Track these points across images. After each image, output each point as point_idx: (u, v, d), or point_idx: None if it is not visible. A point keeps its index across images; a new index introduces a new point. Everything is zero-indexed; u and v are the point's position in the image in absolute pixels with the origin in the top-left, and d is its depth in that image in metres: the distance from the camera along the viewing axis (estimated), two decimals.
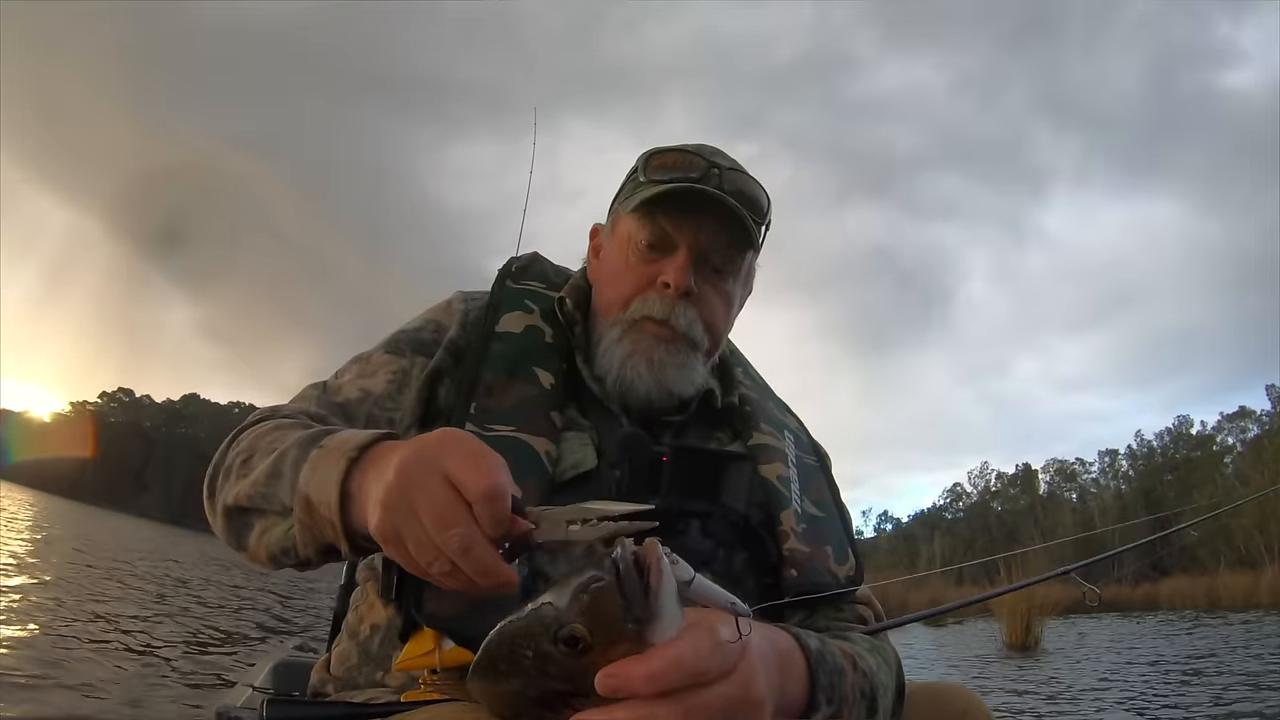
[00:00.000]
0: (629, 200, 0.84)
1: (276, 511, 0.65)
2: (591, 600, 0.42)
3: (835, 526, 0.87)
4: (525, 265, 0.95)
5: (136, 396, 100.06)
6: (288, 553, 0.64)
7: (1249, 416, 42.54)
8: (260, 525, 0.67)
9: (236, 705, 1.24)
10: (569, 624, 0.42)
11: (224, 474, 0.71)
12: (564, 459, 0.76)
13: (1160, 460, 47.57)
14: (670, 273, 0.80)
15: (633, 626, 0.42)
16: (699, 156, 0.82)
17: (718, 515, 0.78)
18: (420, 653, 0.67)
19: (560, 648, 0.42)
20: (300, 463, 0.62)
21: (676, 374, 0.82)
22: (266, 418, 0.76)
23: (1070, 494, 52.68)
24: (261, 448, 0.69)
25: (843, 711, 0.61)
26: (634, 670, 0.41)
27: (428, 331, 0.87)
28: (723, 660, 0.44)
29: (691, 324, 0.81)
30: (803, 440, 0.95)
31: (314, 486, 0.59)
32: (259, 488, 0.66)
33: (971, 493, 60.96)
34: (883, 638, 0.79)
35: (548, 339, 0.85)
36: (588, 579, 0.43)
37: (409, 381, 0.82)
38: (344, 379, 0.84)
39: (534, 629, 0.43)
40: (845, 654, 0.65)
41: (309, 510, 0.60)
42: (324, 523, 0.59)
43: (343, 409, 0.80)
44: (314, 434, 0.66)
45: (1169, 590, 18.29)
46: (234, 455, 0.71)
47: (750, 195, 0.82)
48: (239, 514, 0.68)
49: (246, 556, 0.69)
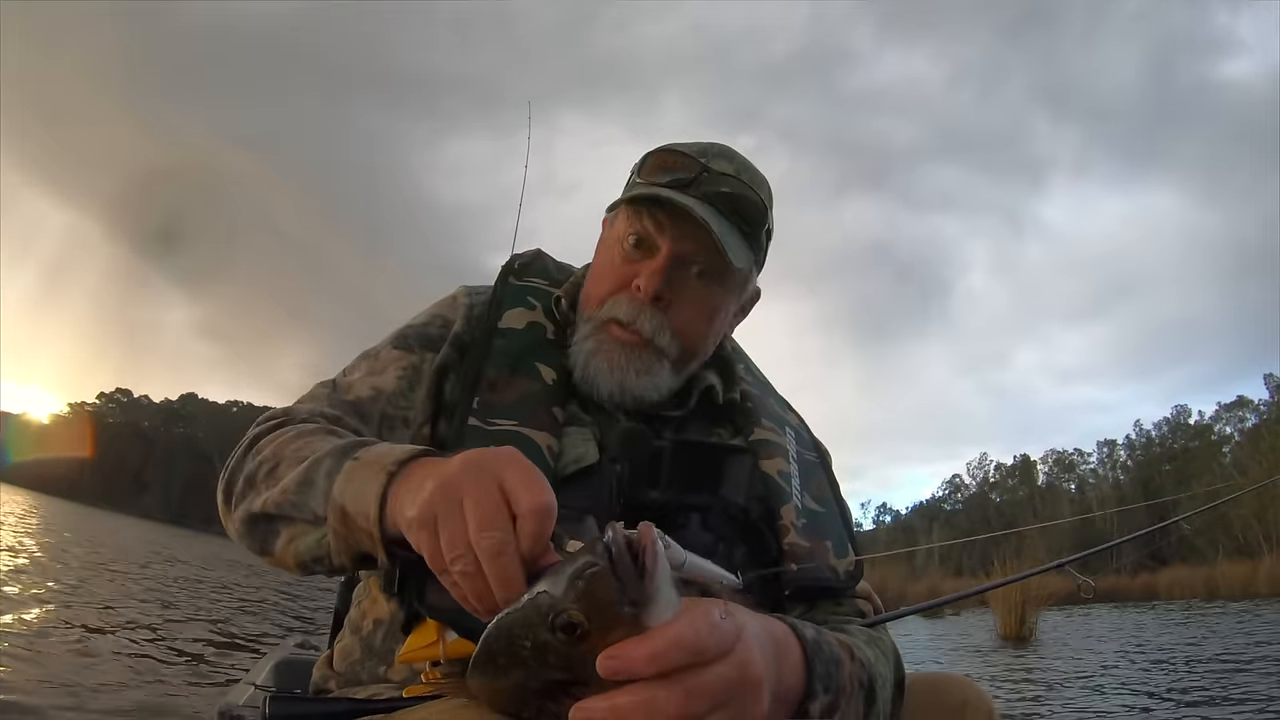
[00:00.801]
0: (622, 198, 0.84)
1: (307, 520, 0.65)
2: (586, 586, 0.42)
3: (835, 522, 0.87)
4: (528, 262, 0.95)
5: (135, 397, 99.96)
6: (320, 560, 0.65)
7: (1247, 406, 42.67)
8: (288, 533, 0.67)
9: (239, 703, 1.24)
10: (565, 611, 0.42)
11: (246, 481, 0.71)
12: (566, 453, 0.76)
13: (1158, 450, 47.69)
14: (643, 277, 0.80)
15: (629, 609, 0.42)
16: (696, 159, 0.81)
17: (718, 509, 0.78)
18: (423, 644, 0.68)
19: (558, 635, 0.42)
20: (334, 473, 0.63)
21: (637, 379, 0.81)
22: (284, 423, 0.76)
23: (1069, 485, 52.85)
24: (288, 456, 0.69)
25: (840, 701, 0.61)
26: (635, 651, 0.41)
27: (435, 327, 0.87)
28: (721, 640, 0.44)
29: (658, 330, 0.81)
30: (804, 437, 0.95)
31: (350, 497, 0.60)
32: (290, 495, 0.66)
33: (970, 484, 61.17)
34: (881, 630, 0.79)
35: (549, 335, 0.85)
36: (582, 565, 0.43)
37: (420, 378, 0.82)
38: (354, 376, 0.84)
39: (531, 619, 0.43)
40: (842, 644, 0.65)
41: (344, 520, 0.61)
42: (361, 533, 0.60)
43: (355, 408, 0.80)
44: (348, 445, 0.66)
45: (1167, 580, 18.36)
46: (256, 463, 0.71)
47: (745, 202, 0.81)
48: (265, 521, 0.68)
49: (271, 562, 0.70)
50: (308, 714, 0.70)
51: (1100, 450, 52.48)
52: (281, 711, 0.65)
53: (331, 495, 0.62)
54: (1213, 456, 39.81)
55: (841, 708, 0.61)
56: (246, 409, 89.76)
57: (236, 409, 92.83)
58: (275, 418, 0.78)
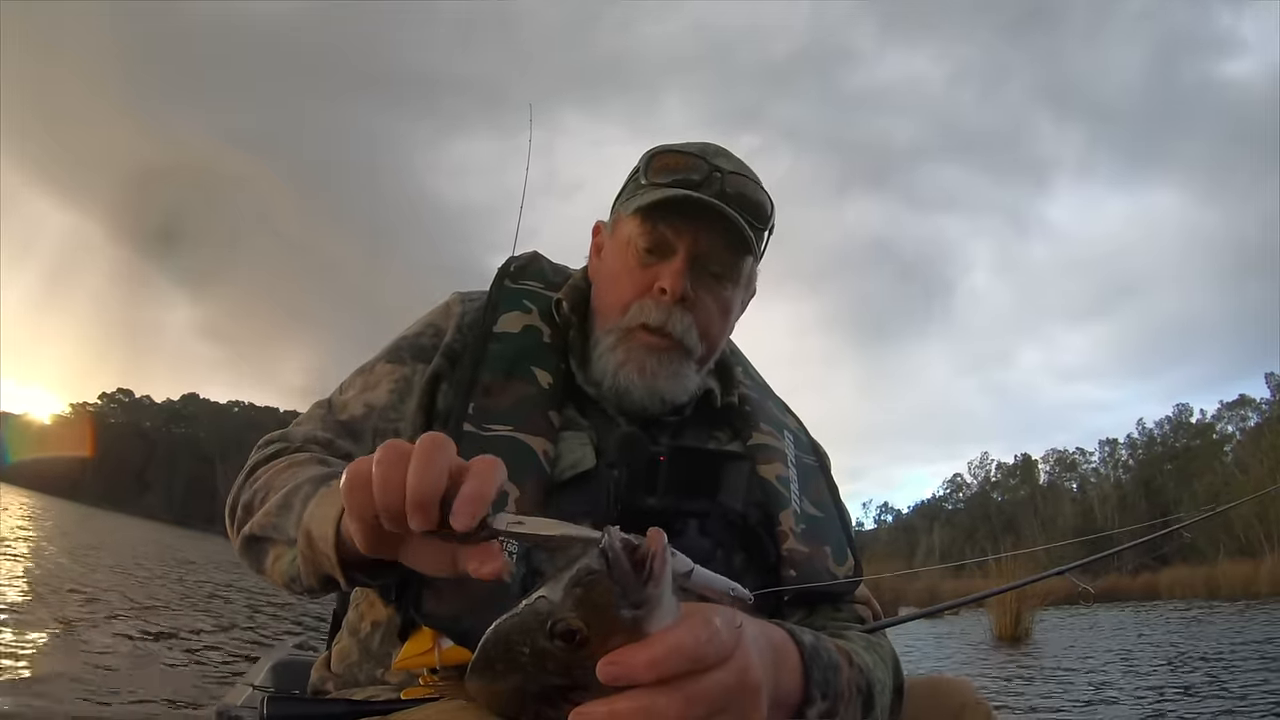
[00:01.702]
0: (629, 202, 0.84)
1: (286, 542, 0.68)
2: (584, 593, 0.42)
3: (834, 526, 0.87)
4: (524, 265, 0.95)
5: (136, 397, 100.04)
6: (295, 580, 0.68)
7: (1249, 405, 42.61)
8: (274, 552, 0.70)
9: (237, 704, 1.24)
10: (564, 618, 0.42)
11: (244, 508, 0.75)
12: (562, 458, 0.76)
13: (1160, 449, 47.64)
14: (667, 278, 0.80)
15: (628, 614, 0.42)
16: (702, 159, 0.82)
17: (716, 515, 0.78)
18: (419, 652, 0.68)
19: (557, 643, 0.42)
20: (309, 499, 0.66)
21: (669, 382, 0.82)
22: (281, 450, 0.79)
23: (1070, 484, 52.82)
24: (276, 485, 0.73)
25: (837, 707, 0.61)
26: (635, 657, 0.41)
27: (427, 337, 0.87)
28: (720, 647, 0.44)
29: (686, 331, 0.81)
30: (802, 440, 0.95)
31: (315, 521, 0.62)
32: (270, 518, 0.70)
33: (971, 483, 61.13)
34: (880, 636, 0.79)
35: (546, 339, 0.85)
36: (580, 571, 0.42)
37: (411, 389, 0.83)
38: (348, 395, 0.85)
39: (529, 624, 0.43)
40: (840, 650, 0.65)
41: (310, 543, 0.62)
42: (321, 555, 0.61)
43: (348, 428, 0.82)
44: (328, 473, 0.70)
45: (1169, 580, 18.33)
46: (251, 492, 0.75)
47: (753, 200, 0.82)
48: (255, 542, 0.72)
49: (266, 579, 0.73)
50: (305, 715, 0.70)
51: (1102, 449, 52.50)
52: (279, 712, 0.66)
53: (302, 519, 0.64)
54: (1214, 455, 39.77)
55: (840, 713, 0.61)
56: (248, 409, 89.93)
57: (238, 409, 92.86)
58: (273, 442, 0.81)
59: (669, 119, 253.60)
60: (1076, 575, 0.86)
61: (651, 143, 0.88)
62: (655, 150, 0.85)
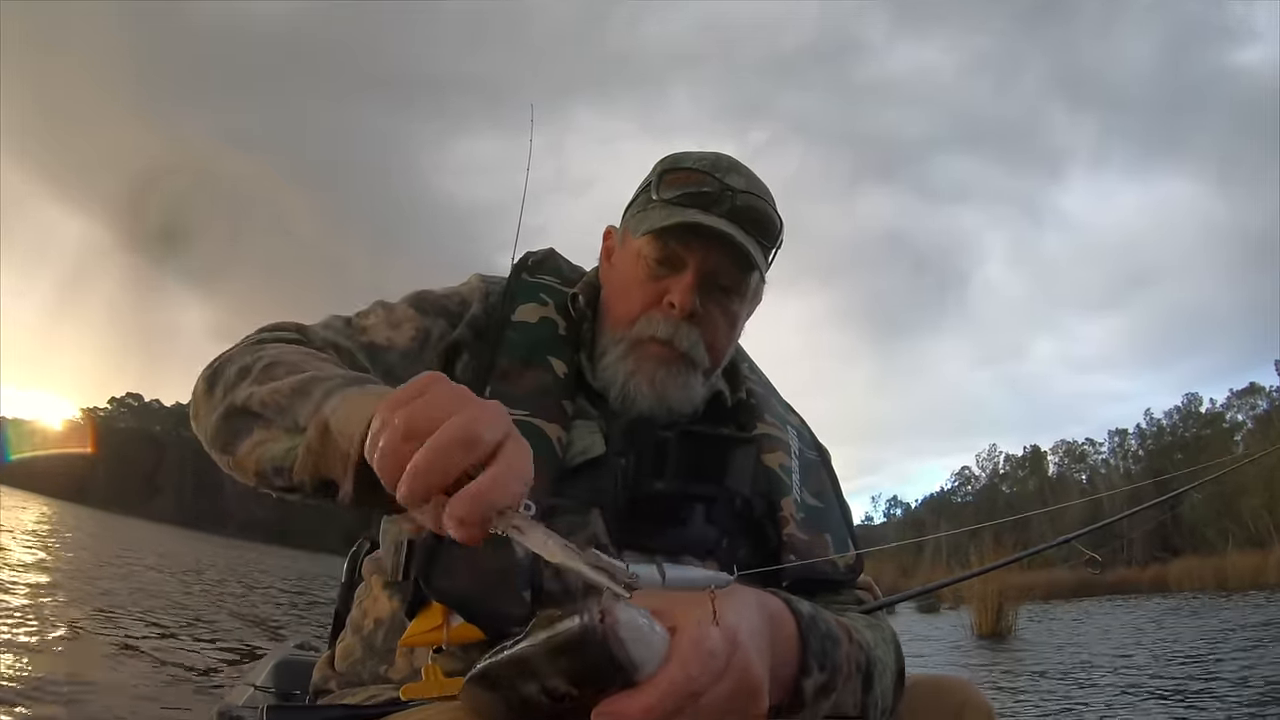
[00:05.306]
0: (640, 217, 0.85)
1: (285, 427, 0.60)
2: (568, 662, 0.42)
3: (835, 517, 0.88)
4: (541, 260, 0.96)
5: (146, 401, 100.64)
6: (280, 473, 0.60)
7: (1259, 393, 42.40)
8: (260, 435, 0.62)
9: (238, 704, 1.25)
10: (554, 684, 0.42)
11: (239, 371, 0.67)
12: (574, 445, 0.78)
13: (1169, 439, 47.44)
14: (677, 294, 0.81)
15: (618, 676, 0.42)
16: (713, 176, 0.82)
17: (722, 499, 0.80)
18: (428, 628, 0.69)
19: (545, 699, 0.43)
20: (333, 392, 0.58)
21: (677, 393, 0.83)
22: (297, 340, 0.74)
23: (1080, 475, 52.65)
24: (291, 362, 0.65)
25: (836, 681, 0.60)
26: (629, 707, 0.42)
27: (453, 302, 0.88)
28: (715, 667, 0.44)
29: (694, 345, 0.82)
30: (805, 436, 0.97)
31: (339, 416, 0.55)
32: (279, 397, 0.61)
33: (980, 475, 61.02)
34: (880, 617, 0.80)
35: (562, 331, 0.87)
36: (562, 633, 0.42)
37: (429, 343, 0.83)
38: (370, 320, 0.84)
39: (514, 679, 0.44)
40: (841, 625, 0.64)
41: (323, 436, 0.55)
42: (335, 454, 0.54)
43: (368, 350, 0.80)
44: (361, 377, 0.63)
45: (1177, 571, 18.28)
46: (254, 357, 0.67)
47: (763, 217, 0.83)
48: (241, 415, 0.64)
49: (229, 462, 0.65)
50: None
51: (1111, 440, 52.32)
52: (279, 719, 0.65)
53: (320, 409, 0.57)
54: (1224, 444, 39.57)
55: (838, 688, 0.60)
56: None
57: None
58: (288, 329, 0.75)
59: (679, 114, 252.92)
60: (1084, 545, 0.86)
61: (662, 138, 0.92)
62: (667, 166, 0.86)
